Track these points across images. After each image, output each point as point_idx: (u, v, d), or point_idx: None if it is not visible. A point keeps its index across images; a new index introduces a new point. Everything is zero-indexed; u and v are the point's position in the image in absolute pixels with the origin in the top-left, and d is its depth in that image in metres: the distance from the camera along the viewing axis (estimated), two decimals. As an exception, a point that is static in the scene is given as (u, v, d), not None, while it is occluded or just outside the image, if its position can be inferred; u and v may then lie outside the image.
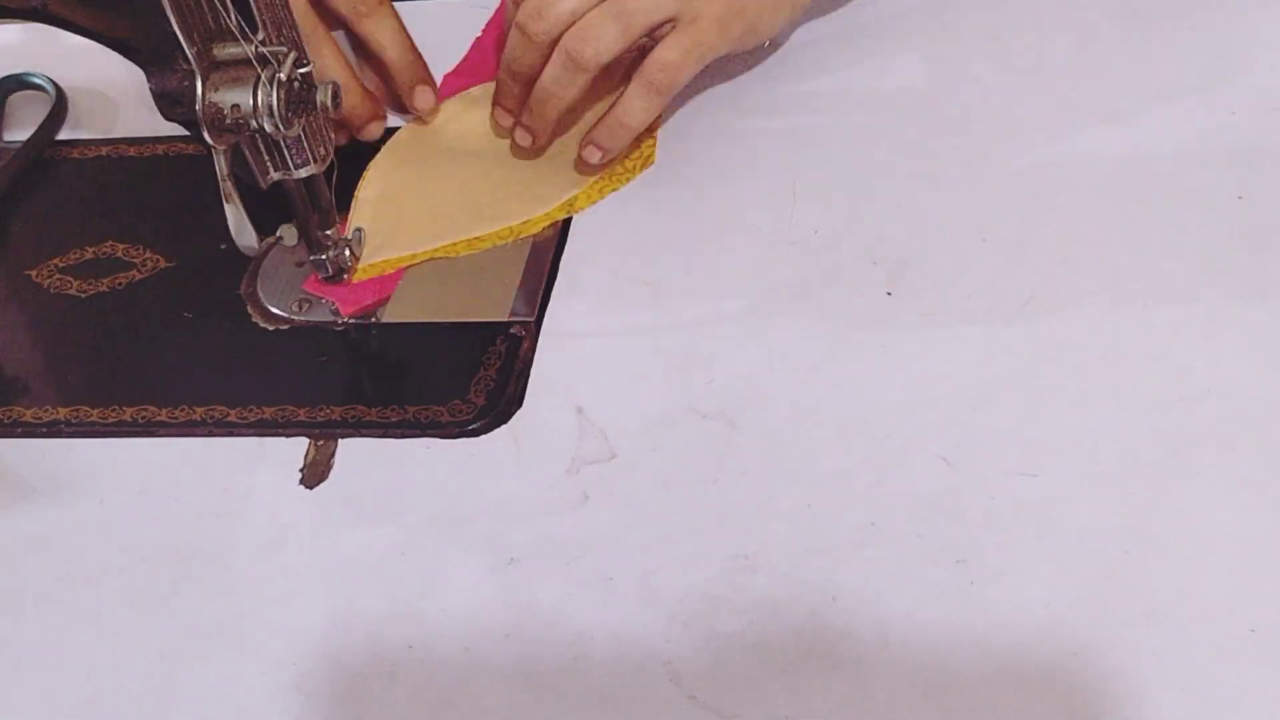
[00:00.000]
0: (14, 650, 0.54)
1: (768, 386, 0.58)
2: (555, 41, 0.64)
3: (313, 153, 0.59)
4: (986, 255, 0.62)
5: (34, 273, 0.69)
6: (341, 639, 0.52)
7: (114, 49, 0.56)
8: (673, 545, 0.53)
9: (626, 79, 0.66)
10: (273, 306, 0.65)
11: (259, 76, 0.54)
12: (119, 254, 0.69)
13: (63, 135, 0.77)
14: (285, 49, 0.55)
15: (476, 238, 0.66)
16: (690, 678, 0.49)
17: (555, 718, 0.49)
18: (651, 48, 0.64)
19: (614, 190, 0.67)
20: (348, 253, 0.64)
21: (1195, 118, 0.66)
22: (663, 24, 0.64)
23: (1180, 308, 0.58)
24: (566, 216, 0.67)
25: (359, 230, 0.66)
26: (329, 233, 0.63)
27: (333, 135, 0.61)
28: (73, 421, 0.61)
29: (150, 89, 0.55)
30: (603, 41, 0.63)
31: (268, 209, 0.60)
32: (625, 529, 0.54)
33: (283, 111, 0.54)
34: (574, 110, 0.68)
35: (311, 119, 0.58)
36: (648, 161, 0.68)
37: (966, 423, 0.55)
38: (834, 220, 0.64)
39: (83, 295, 0.67)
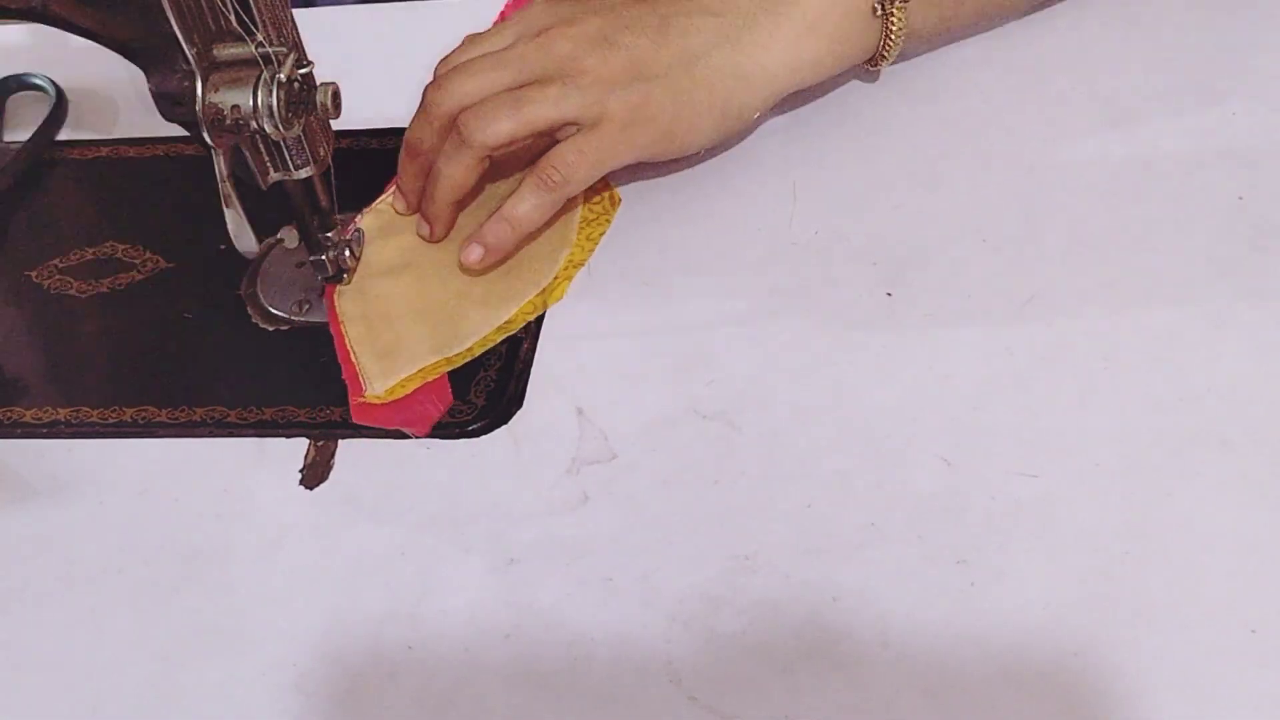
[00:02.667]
0: (14, 650, 0.54)
1: (768, 387, 0.58)
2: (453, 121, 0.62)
3: (313, 153, 0.59)
4: (986, 255, 0.62)
5: (34, 273, 0.69)
6: (341, 639, 0.52)
7: (114, 49, 0.56)
8: (673, 546, 0.53)
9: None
10: (273, 307, 0.65)
11: (259, 77, 0.54)
12: (119, 254, 0.69)
13: (63, 135, 0.77)
14: (285, 49, 0.55)
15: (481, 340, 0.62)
16: (690, 678, 0.49)
17: (555, 718, 0.49)
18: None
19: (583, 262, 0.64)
20: (348, 253, 0.64)
21: (1195, 118, 0.66)
22: (564, 125, 0.62)
23: (1180, 308, 0.58)
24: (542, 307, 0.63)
25: (360, 231, 0.66)
26: (329, 234, 0.63)
27: (333, 136, 0.61)
28: (73, 422, 0.61)
29: (150, 90, 0.55)
30: (493, 124, 0.60)
31: (268, 210, 0.60)
32: (625, 529, 0.54)
33: (283, 112, 0.54)
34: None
35: (311, 119, 0.58)
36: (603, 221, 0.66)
37: (966, 423, 0.55)
38: (834, 221, 0.64)
39: (83, 295, 0.67)
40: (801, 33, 0.64)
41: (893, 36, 0.66)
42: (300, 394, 0.61)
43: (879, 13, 0.65)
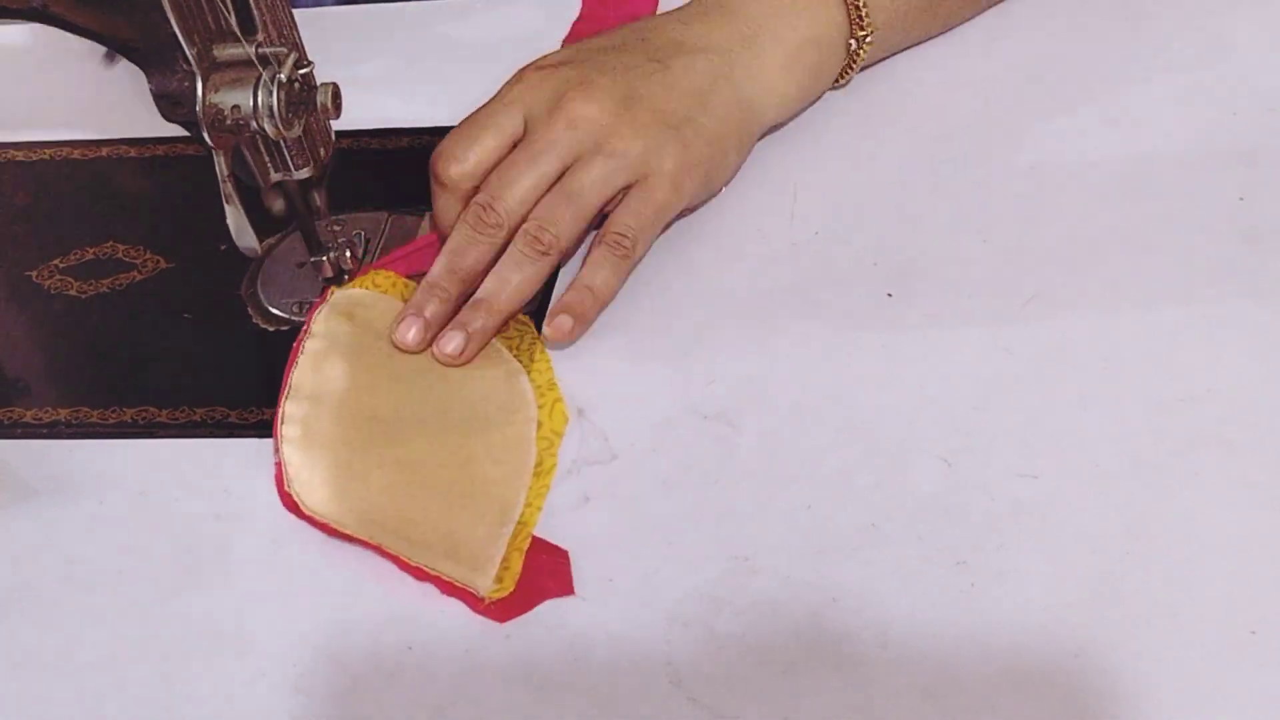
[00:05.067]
0: (14, 650, 0.54)
1: (768, 387, 0.58)
2: (508, 234, 0.60)
3: (313, 154, 0.59)
4: (987, 256, 0.62)
5: (34, 273, 0.69)
6: (341, 640, 0.52)
7: (114, 49, 0.56)
8: (673, 546, 0.53)
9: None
10: (273, 307, 0.65)
11: (259, 77, 0.54)
12: (119, 254, 0.69)
13: (63, 135, 0.77)
14: (285, 49, 0.55)
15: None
16: (690, 679, 0.49)
17: (555, 718, 0.49)
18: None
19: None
20: (348, 253, 0.64)
21: (1195, 118, 0.66)
22: (616, 194, 0.62)
23: (1180, 308, 0.58)
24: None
25: (359, 231, 0.66)
26: (336, 229, 0.63)
27: (333, 136, 0.61)
28: (73, 422, 0.61)
29: (150, 90, 0.55)
30: (562, 225, 0.60)
31: (268, 210, 0.60)
32: (626, 530, 0.54)
33: (283, 112, 0.54)
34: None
35: (312, 120, 0.58)
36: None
37: (967, 424, 0.55)
38: (835, 221, 0.64)
39: (83, 296, 0.67)
40: (782, 64, 0.66)
41: (855, 68, 0.68)
42: (300, 394, 0.61)
43: (853, 48, 0.67)
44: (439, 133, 0.73)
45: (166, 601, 0.54)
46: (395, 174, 0.70)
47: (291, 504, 0.56)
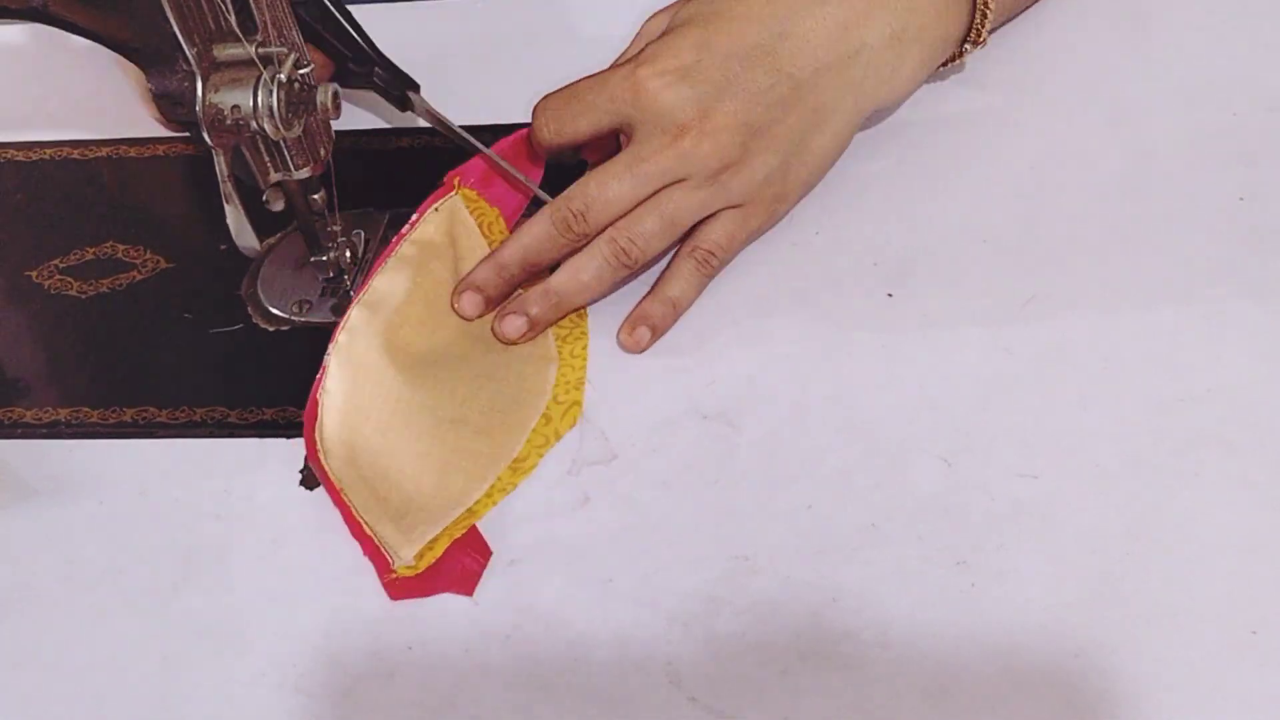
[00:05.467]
0: (14, 650, 0.54)
1: (768, 388, 0.58)
2: (591, 238, 0.60)
3: (313, 153, 0.59)
4: (987, 256, 0.62)
5: (34, 273, 0.69)
6: (341, 640, 0.52)
7: (114, 49, 0.56)
8: (673, 546, 0.53)
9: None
10: (273, 307, 0.65)
11: (259, 77, 0.54)
12: (119, 254, 0.69)
13: (63, 135, 0.77)
14: (285, 50, 0.55)
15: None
16: (691, 679, 0.49)
17: (555, 718, 0.49)
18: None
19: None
20: (348, 254, 0.64)
21: (1195, 118, 0.66)
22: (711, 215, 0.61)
23: (1180, 308, 0.58)
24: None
25: (359, 231, 0.66)
26: (336, 229, 0.63)
27: (332, 136, 0.61)
28: (73, 422, 0.61)
29: (151, 90, 0.55)
30: (652, 243, 0.60)
31: (267, 210, 0.60)
32: (626, 530, 0.54)
33: (283, 112, 0.54)
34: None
35: (312, 120, 0.58)
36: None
37: (967, 424, 0.55)
38: (834, 221, 0.64)
39: (83, 296, 0.67)
40: (918, 64, 0.64)
41: (959, 61, 0.68)
42: (300, 394, 0.60)
43: (966, 50, 0.67)
44: (438, 133, 0.73)
45: (166, 601, 0.54)
46: (395, 174, 0.70)
47: (312, 411, 0.57)
